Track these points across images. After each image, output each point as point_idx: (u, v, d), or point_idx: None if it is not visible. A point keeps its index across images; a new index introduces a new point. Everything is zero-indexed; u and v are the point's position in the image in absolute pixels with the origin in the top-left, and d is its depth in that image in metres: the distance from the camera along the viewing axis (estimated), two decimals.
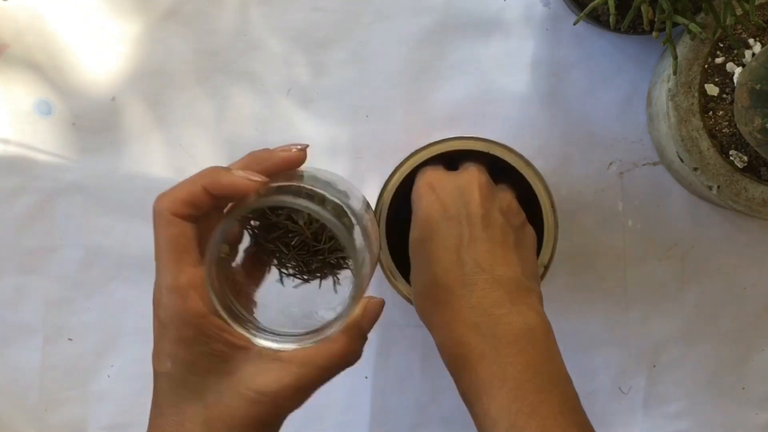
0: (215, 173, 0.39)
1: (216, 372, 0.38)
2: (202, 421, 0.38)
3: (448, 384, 0.63)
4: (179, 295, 0.37)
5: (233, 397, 0.38)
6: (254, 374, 0.38)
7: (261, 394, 0.38)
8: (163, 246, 0.38)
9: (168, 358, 0.38)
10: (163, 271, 0.38)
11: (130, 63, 0.61)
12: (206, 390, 0.38)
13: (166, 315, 0.38)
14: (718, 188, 0.54)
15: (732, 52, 0.53)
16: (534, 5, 0.61)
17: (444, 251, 0.48)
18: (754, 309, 0.62)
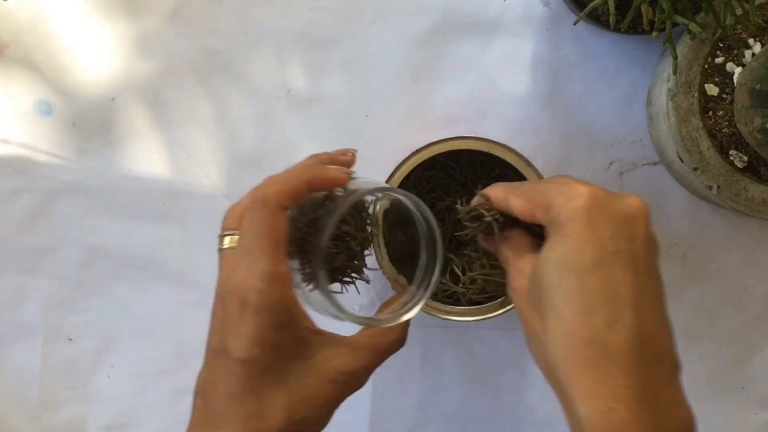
0: (317, 169, 0.42)
1: (299, 356, 0.41)
2: (284, 406, 0.40)
3: (448, 384, 0.63)
4: (278, 282, 0.39)
5: (314, 378, 0.41)
6: (332, 357, 0.41)
7: (340, 374, 0.41)
8: (265, 234, 0.40)
9: (255, 344, 0.39)
10: (259, 258, 0.39)
11: (130, 63, 0.61)
12: (289, 374, 0.40)
13: (262, 300, 0.39)
14: (718, 188, 0.54)
15: (732, 52, 0.53)
16: (534, 5, 0.61)
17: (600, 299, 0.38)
18: (754, 309, 0.62)
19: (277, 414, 0.40)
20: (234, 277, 0.40)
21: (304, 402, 0.40)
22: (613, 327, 0.37)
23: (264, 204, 0.40)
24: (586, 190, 0.39)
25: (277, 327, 0.39)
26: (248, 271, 0.39)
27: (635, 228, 0.40)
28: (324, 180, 0.42)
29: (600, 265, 0.38)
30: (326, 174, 0.42)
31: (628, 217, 0.40)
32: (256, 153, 0.62)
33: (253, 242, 0.40)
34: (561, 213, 0.39)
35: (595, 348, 0.37)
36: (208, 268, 0.62)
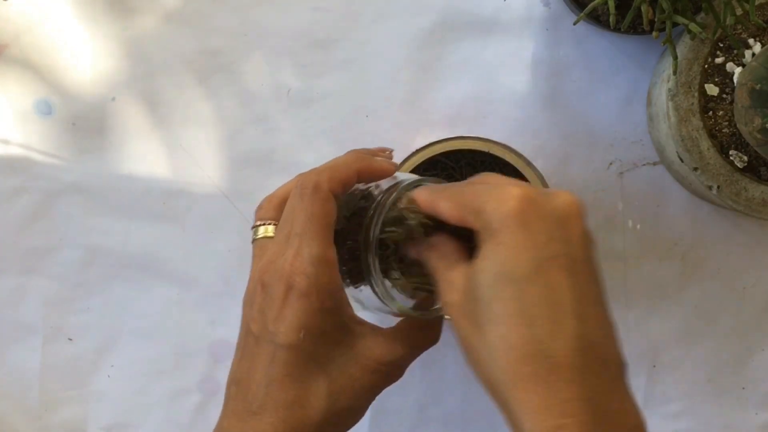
0: (364, 158, 0.42)
1: (341, 344, 0.40)
2: (326, 394, 0.39)
3: (448, 384, 0.63)
4: (328, 267, 0.39)
5: (356, 367, 0.40)
6: (372, 347, 0.41)
7: (381, 364, 0.40)
8: (316, 218, 0.40)
9: (301, 330, 0.39)
10: (309, 242, 0.39)
11: (130, 63, 0.61)
12: (331, 362, 0.40)
13: (310, 284, 0.38)
14: (718, 188, 0.54)
15: (732, 52, 0.53)
16: (534, 5, 0.61)
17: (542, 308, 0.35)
18: (754, 309, 0.62)
19: (319, 402, 0.39)
20: (281, 261, 0.39)
21: (346, 391, 0.40)
22: (556, 337, 0.35)
23: (316, 189, 0.40)
24: (517, 192, 0.37)
25: (323, 312, 0.39)
26: (296, 254, 0.39)
27: (570, 228, 0.37)
28: (374, 170, 0.42)
29: (538, 273, 0.36)
30: (376, 164, 0.42)
31: (562, 217, 0.37)
32: (256, 153, 0.62)
33: (304, 226, 0.39)
34: (493, 218, 0.37)
35: (539, 361, 0.34)
36: (208, 268, 0.62)
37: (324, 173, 0.41)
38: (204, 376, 0.62)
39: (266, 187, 0.61)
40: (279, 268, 0.39)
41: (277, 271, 0.39)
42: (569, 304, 0.36)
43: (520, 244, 0.36)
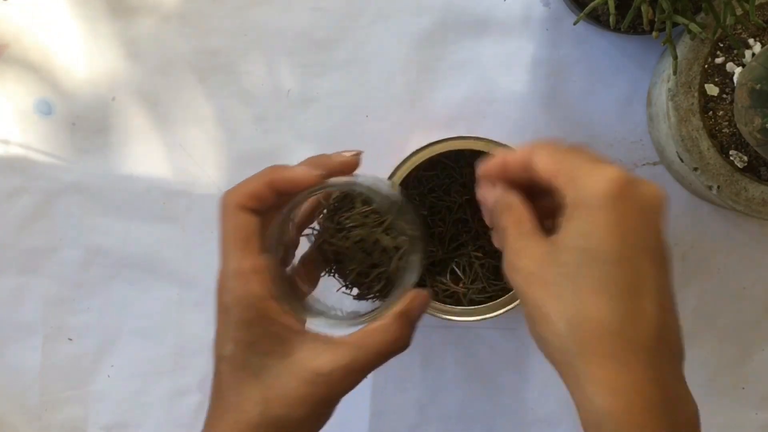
0: (278, 169, 0.43)
1: (274, 354, 0.41)
2: (260, 401, 0.40)
3: (448, 384, 0.63)
4: (243, 279, 0.40)
5: (290, 377, 0.40)
6: (310, 356, 0.41)
7: (317, 375, 0.40)
8: (228, 235, 0.41)
9: (230, 341, 0.41)
10: (228, 258, 0.41)
11: (130, 63, 0.61)
12: (265, 371, 0.41)
13: (230, 298, 0.40)
14: (718, 188, 0.54)
15: (732, 52, 0.53)
16: (534, 5, 0.61)
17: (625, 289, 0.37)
18: (754, 309, 0.62)
19: (253, 407, 0.40)
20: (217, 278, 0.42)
21: (280, 400, 0.40)
22: (638, 321, 0.37)
23: (224, 208, 0.42)
24: (616, 174, 0.38)
25: (245, 324, 0.40)
26: (220, 272, 0.41)
27: (657, 220, 0.39)
28: (284, 179, 0.43)
29: (628, 258, 0.37)
30: (286, 174, 0.43)
31: (651, 207, 0.39)
32: (256, 153, 0.62)
33: (222, 244, 0.42)
34: (588, 194, 0.38)
35: (618, 340, 0.36)
36: (208, 268, 0.62)
37: (231, 191, 0.43)
38: (204, 376, 0.62)
39: None
40: (217, 284, 0.42)
41: (217, 287, 0.42)
42: (652, 292, 0.37)
43: (612, 226, 0.37)
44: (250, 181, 0.43)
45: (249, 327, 0.40)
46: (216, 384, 0.42)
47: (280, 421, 0.40)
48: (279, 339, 0.41)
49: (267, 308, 0.41)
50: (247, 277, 0.40)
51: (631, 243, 0.37)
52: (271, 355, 0.41)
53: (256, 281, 0.41)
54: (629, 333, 0.36)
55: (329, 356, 0.41)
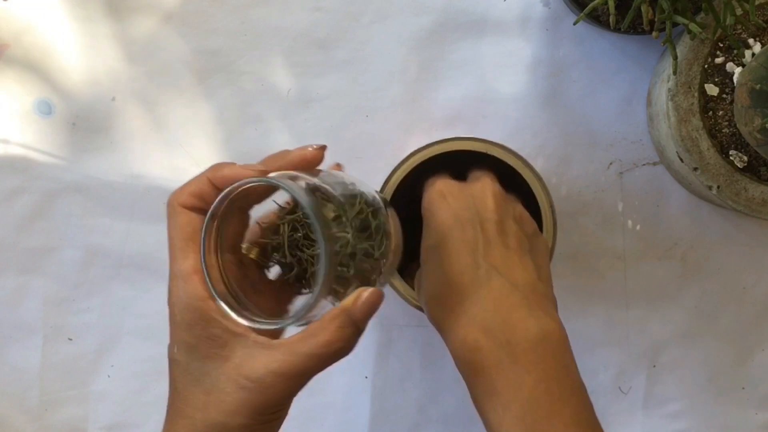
0: (219, 167, 0.42)
1: (214, 357, 0.39)
2: (201, 407, 0.39)
3: (448, 384, 0.63)
4: (183, 279, 0.40)
5: (227, 382, 0.39)
6: (246, 361, 0.39)
7: (248, 380, 0.38)
8: (172, 235, 0.42)
9: (176, 344, 0.41)
10: (172, 259, 0.41)
11: (130, 63, 0.61)
12: (205, 376, 0.40)
13: (174, 299, 0.40)
14: (718, 188, 0.54)
15: (732, 52, 0.53)
16: (534, 5, 0.61)
17: (457, 255, 0.46)
18: (754, 309, 0.62)
19: (195, 413, 0.40)
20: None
21: (217, 406, 0.39)
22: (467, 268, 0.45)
23: (169, 207, 0.42)
24: (437, 186, 0.49)
25: (186, 325, 0.40)
26: (169, 273, 0.41)
27: (482, 201, 0.48)
28: (224, 177, 0.41)
29: (453, 228, 0.46)
30: (226, 171, 0.42)
31: (475, 194, 0.49)
32: (256, 153, 0.62)
33: (168, 245, 0.42)
34: (424, 209, 0.49)
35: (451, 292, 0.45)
36: None
37: (176, 191, 0.42)
38: None
39: None
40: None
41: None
42: (480, 245, 0.46)
43: (440, 219, 0.47)
44: (192, 180, 0.42)
45: (190, 329, 0.40)
46: (170, 387, 0.42)
47: (220, 429, 0.39)
48: (218, 342, 0.39)
49: (206, 309, 0.39)
50: (188, 278, 0.40)
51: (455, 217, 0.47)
52: (211, 359, 0.39)
53: (195, 281, 0.40)
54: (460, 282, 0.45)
55: (262, 360, 0.39)
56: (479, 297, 0.44)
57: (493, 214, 0.48)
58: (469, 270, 0.45)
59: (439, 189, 0.49)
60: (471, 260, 0.45)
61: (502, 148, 0.53)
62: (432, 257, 0.47)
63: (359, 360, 0.62)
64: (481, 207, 0.48)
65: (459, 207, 0.48)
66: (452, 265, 0.45)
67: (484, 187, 0.49)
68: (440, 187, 0.49)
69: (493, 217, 0.48)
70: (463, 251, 0.46)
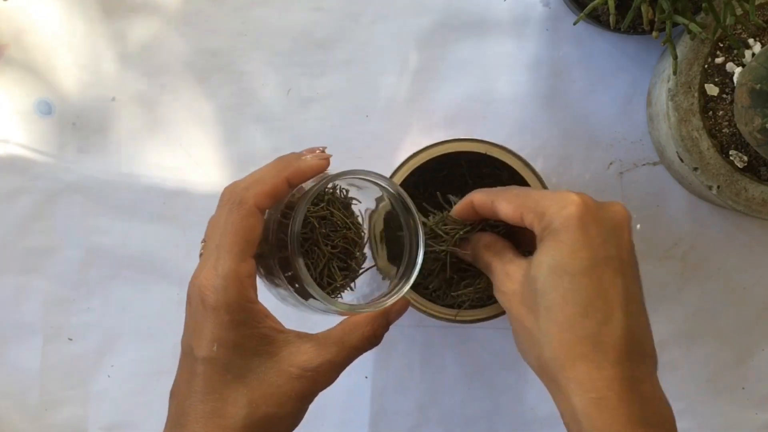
0: (294, 163, 0.42)
1: (259, 354, 0.41)
2: (246, 403, 0.40)
3: (448, 384, 0.63)
4: (238, 282, 0.40)
5: (277, 375, 0.41)
6: (296, 353, 0.42)
7: (304, 370, 0.41)
8: (235, 234, 0.41)
9: (212, 342, 0.40)
10: (224, 258, 0.40)
11: (130, 63, 0.61)
12: (250, 372, 0.41)
13: (220, 299, 0.40)
14: (718, 188, 0.54)
15: (732, 52, 0.53)
16: (534, 5, 0.61)
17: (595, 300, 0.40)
18: (754, 309, 0.62)
19: (238, 411, 0.40)
20: (198, 276, 0.41)
21: (266, 399, 0.41)
22: (605, 325, 0.40)
23: (240, 204, 0.41)
24: (577, 199, 0.42)
25: (234, 325, 0.40)
26: (212, 269, 0.40)
27: (622, 235, 0.42)
28: (304, 172, 0.42)
29: (593, 270, 0.40)
30: (304, 165, 0.42)
31: (616, 224, 0.42)
32: (256, 153, 0.62)
33: (222, 241, 0.41)
34: (554, 220, 0.41)
35: (588, 343, 0.39)
36: None
37: (251, 188, 0.41)
38: None
39: None
40: (196, 283, 0.41)
41: (195, 286, 0.41)
42: (618, 300, 0.40)
43: (578, 243, 0.41)
44: (267, 178, 0.42)
45: (237, 328, 0.40)
46: (194, 387, 0.41)
47: (265, 421, 0.41)
48: (265, 339, 0.41)
49: (256, 311, 0.41)
50: (243, 282, 0.40)
51: (597, 256, 0.41)
52: (257, 355, 0.41)
53: (249, 285, 0.41)
54: (598, 337, 0.39)
55: (315, 352, 0.42)
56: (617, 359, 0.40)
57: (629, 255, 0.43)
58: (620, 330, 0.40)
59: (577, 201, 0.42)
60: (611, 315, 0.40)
61: (501, 149, 0.53)
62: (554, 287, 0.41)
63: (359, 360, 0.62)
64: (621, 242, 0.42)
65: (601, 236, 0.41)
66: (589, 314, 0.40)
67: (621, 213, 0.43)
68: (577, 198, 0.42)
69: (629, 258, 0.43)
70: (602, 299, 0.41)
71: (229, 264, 0.40)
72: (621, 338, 0.39)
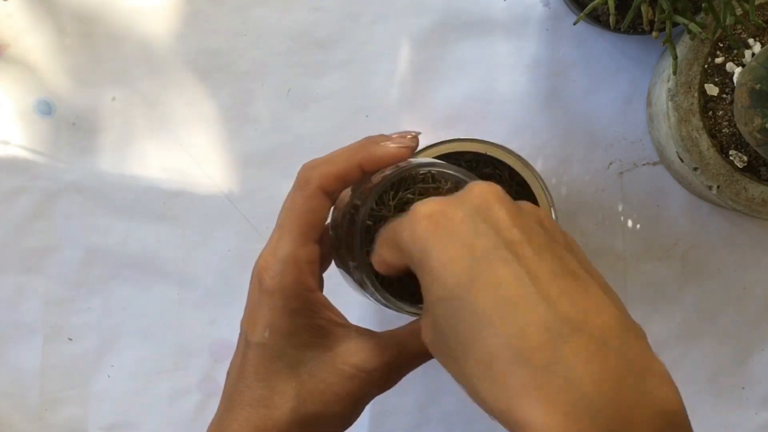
0: (370, 148, 0.39)
1: (314, 346, 0.38)
2: (293, 396, 0.38)
3: (448, 384, 0.63)
4: (296, 267, 0.37)
5: (329, 371, 0.38)
6: (353, 351, 0.38)
7: (359, 370, 0.38)
8: (297, 215, 0.38)
9: (267, 328, 0.38)
10: (284, 240, 0.38)
11: (130, 63, 0.61)
12: (301, 364, 0.38)
13: (277, 283, 0.37)
14: (718, 188, 0.54)
15: (732, 52, 0.53)
16: (534, 5, 0.61)
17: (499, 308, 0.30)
18: (754, 309, 0.62)
19: (285, 403, 0.38)
20: (260, 257, 0.39)
21: (315, 395, 0.38)
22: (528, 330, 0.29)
23: (306, 184, 0.38)
24: (424, 209, 0.33)
25: (289, 312, 0.38)
26: (271, 251, 0.38)
27: (494, 216, 0.32)
28: (379, 158, 0.38)
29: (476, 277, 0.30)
30: (381, 151, 0.38)
31: (479, 209, 0.32)
32: (256, 153, 0.62)
33: (284, 222, 0.38)
34: (411, 248, 0.33)
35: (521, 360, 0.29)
36: (208, 268, 0.62)
37: (318, 168, 0.38)
38: (204, 376, 0.62)
39: (266, 187, 0.61)
40: (258, 263, 0.39)
41: (256, 266, 0.39)
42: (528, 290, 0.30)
43: (446, 258, 0.31)
44: (339, 161, 0.38)
45: (292, 316, 0.38)
46: (241, 372, 0.39)
47: (312, 419, 0.38)
48: (322, 331, 0.38)
49: (314, 300, 0.38)
50: (301, 267, 0.38)
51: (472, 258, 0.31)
52: (309, 348, 0.38)
53: (309, 272, 0.38)
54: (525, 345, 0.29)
55: (374, 352, 0.38)
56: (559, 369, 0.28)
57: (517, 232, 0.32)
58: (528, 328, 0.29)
59: (425, 214, 0.33)
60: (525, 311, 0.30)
61: (501, 149, 0.53)
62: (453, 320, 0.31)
63: None
64: (497, 225, 0.32)
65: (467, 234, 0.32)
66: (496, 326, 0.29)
67: (483, 193, 0.33)
68: (425, 210, 0.33)
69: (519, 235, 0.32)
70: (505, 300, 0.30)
71: (288, 247, 0.38)
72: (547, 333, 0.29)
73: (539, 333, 0.29)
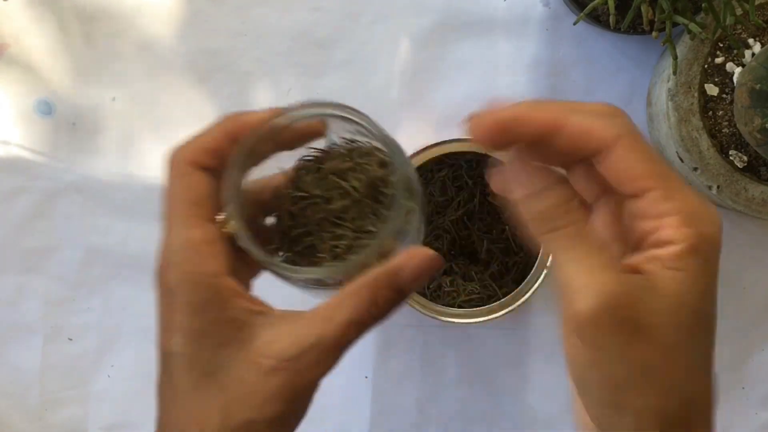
0: (237, 115, 0.35)
1: (230, 344, 0.32)
2: (218, 409, 0.32)
3: (448, 384, 0.63)
4: (192, 252, 0.32)
5: (250, 370, 0.32)
6: (271, 340, 0.32)
7: (279, 361, 0.32)
8: (174, 199, 0.33)
9: (177, 332, 0.32)
10: (172, 228, 0.33)
11: (130, 63, 0.61)
12: (220, 369, 0.32)
13: (175, 277, 0.32)
14: (718, 188, 0.54)
15: (732, 52, 0.53)
16: (534, 5, 0.61)
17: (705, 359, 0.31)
18: (754, 309, 0.62)
19: (211, 420, 0.32)
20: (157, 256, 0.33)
21: (243, 401, 0.32)
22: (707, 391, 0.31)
23: (172, 166, 0.35)
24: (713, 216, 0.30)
25: (194, 308, 0.32)
26: (164, 245, 0.33)
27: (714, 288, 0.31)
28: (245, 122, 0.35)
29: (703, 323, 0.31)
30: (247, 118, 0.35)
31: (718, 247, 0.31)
32: None
33: (166, 211, 0.33)
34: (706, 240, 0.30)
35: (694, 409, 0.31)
36: None
37: (183, 147, 0.35)
38: None
39: None
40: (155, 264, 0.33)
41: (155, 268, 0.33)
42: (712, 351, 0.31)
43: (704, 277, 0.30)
44: (204, 133, 0.35)
45: (198, 313, 0.32)
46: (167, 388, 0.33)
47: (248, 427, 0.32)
48: (236, 323, 0.32)
49: (221, 287, 0.32)
50: (197, 249, 0.32)
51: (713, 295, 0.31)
52: (227, 346, 0.32)
53: (209, 254, 0.32)
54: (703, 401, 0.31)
55: (293, 336, 0.32)
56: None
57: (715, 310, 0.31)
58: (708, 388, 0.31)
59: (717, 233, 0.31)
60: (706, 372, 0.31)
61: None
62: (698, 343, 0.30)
63: (359, 360, 0.62)
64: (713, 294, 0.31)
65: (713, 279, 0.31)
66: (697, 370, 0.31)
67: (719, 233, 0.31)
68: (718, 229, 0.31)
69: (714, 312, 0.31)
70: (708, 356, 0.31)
71: (177, 233, 0.32)
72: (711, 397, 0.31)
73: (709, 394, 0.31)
